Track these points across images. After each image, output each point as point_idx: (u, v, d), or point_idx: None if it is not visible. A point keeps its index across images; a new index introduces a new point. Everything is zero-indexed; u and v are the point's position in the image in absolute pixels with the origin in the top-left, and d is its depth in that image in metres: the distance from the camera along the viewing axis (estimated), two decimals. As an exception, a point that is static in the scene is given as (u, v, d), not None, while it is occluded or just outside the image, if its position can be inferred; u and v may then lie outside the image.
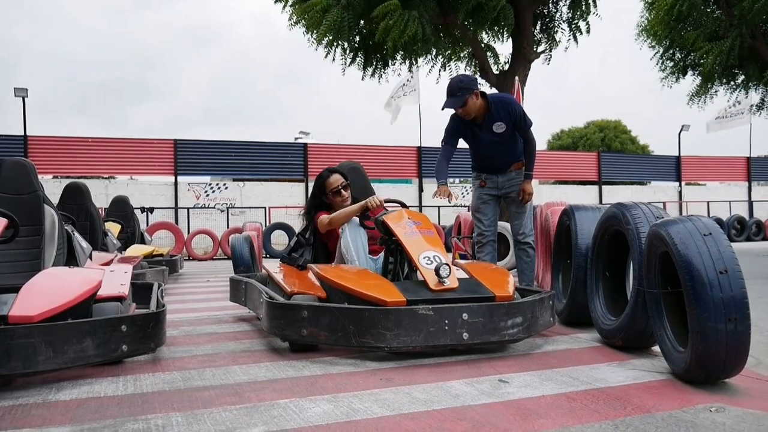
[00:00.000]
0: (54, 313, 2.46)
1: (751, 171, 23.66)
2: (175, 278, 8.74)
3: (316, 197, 4.06)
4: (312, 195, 4.13)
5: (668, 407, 2.00)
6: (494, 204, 4.59)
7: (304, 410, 2.02)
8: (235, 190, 18.11)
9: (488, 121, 4.31)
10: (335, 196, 3.96)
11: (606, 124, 40.27)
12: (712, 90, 14.60)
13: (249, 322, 4.09)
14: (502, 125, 4.30)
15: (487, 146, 4.41)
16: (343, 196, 3.96)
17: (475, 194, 4.63)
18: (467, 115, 4.27)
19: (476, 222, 4.62)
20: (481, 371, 2.56)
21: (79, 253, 3.91)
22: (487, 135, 4.35)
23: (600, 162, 22.16)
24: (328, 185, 3.98)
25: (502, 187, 4.53)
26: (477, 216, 4.61)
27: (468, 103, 4.19)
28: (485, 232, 4.56)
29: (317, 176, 4.11)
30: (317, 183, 4.06)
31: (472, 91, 4.18)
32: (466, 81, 4.24)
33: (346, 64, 11.27)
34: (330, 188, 3.97)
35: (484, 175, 4.57)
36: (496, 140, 4.36)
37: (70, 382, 2.46)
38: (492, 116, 4.29)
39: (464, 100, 4.17)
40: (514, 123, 4.31)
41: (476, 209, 4.61)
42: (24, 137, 16.12)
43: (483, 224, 4.57)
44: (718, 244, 2.17)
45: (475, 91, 4.20)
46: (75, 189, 6.37)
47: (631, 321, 2.78)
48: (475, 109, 4.25)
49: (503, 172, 4.51)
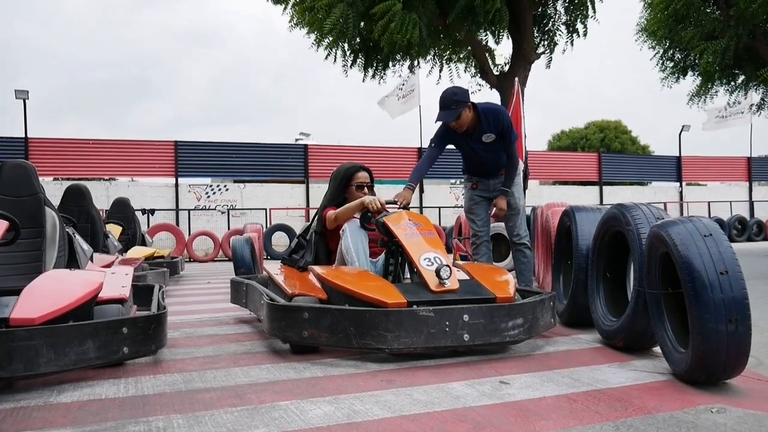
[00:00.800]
0: (55, 316, 2.46)
1: (752, 171, 23.66)
2: (176, 280, 8.74)
3: (337, 189, 4.02)
4: (332, 188, 4.07)
5: (669, 408, 2.00)
6: (486, 205, 4.64)
7: (305, 412, 2.03)
8: (235, 192, 18.12)
9: (478, 132, 4.33)
10: (358, 190, 3.96)
11: (606, 125, 40.25)
12: (713, 90, 14.60)
13: (250, 324, 4.10)
14: (491, 136, 4.32)
15: (476, 153, 4.44)
16: (365, 194, 3.95)
17: (467, 196, 4.69)
18: (460, 127, 4.28)
19: (470, 223, 4.68)
20: (481, 372, 2.56)
21: (80, 255, 3.91)
22: (476, 144, 4.38)
23: (600, 162, 22.17)
24: (356, 178, 3.99)
25: (493, 190, 4.57)
26: (470, 217, 4.66)
27: (461, 117, 4.19)
28: (479, 233, 4.59)
29: (341, 169, 4.07)
30: (343, 175, 4.02)
31: (466, 104, 4.18)
32: (460, 94, 4.22)
33: (348, 66, 11.27)
34: (356, 181, 3.98)
35: (475, 178, 4.62)
36: (485, 148, 4.40)
37: (72, 384, 2.47)
38: (482, 127, 4.31)
39: (458, 114, 4.17)
40: (502, 134, 4.33)
41: (469, 210, 4.66)
42: (25, 139, 16.14)
43: (476, 224, 4.61)
44: (719, 244, 2.17)
45: (468, 104, 4.20)
46: (76, 191, 6.37)
47: (631, 322, 2.78)
48: (467, 121, 4.26)
49: (494, 177, 4.56)
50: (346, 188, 4.00)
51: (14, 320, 2.36)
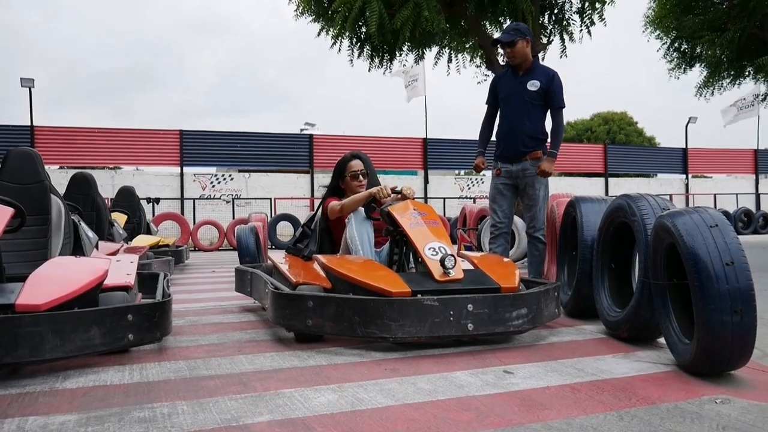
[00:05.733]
0: (61, 302, 2.48)
1: (759, 163, 23.54)
2: (180, 269, 8.77)
3: (334, 180, 4.09)
4: (331, 179, 4.14)
5: (673, 399, 2.00)
6: (510, 195, 4.60)
7: (309, 400, 2.03)
8: (240, 181, 18.15)
9: (526, 76, 4.44)
10: (353, 179, 3.97)
11: (611, 116, 40.06)
12: (720, 81, 14.51)
13: (254, 313, 4.11)
14: (537, 83, 4.40)
15: (515, 104, 4.46)
16: (361, 181, 3.97)
17: (492, 184, 4.67)
18: (513, 57, 4.41)
19: (491, 212, 4.65)
20: (485, 362, 2.56)
21: (86, 242, 3.92)
22: (520, 89, 4.44)
23: (606, 154, 22.12)
24: (349, 167, 4.00)
25: (516, 177, 4.52)
26: (492, 206, 4.63)
27: (517, 44, 4.35)
28: (499, 224, 4.56)
29: (339, 161, 4.12)
30: (338, 166, 4.08)
31: (525, 37, 4.36)
32: (522, 27, 4.46)
33: (354, 56, 11.22)
34: (350, 171, 3.98)
35: (500, 163, 4.58)
36: (525, 99, 4.43)
37: (77, 370, 2.48)
38: (532, 73, 4.44)
39: (515, 40, 4.33)
40: (547, 92, 4.40)
41: (492, 199, 4.64)
42: (30, 127, 16.18)
43: (498, 216, 4.58)
44: (725, 235, 2.16)
45: (527, 38, 4.38)
46: (81, 179, 6.39)
47: (636, 313, 2.78)
48: (521, 54, 4.39)
49: (518, 160, 4.49)
50: (341, 179, 4.04)
51: (20, 306, 2.37)
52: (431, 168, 19.99)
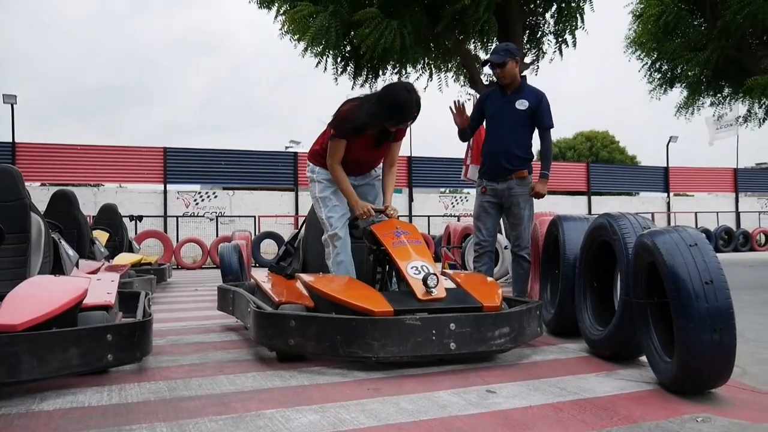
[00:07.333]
0: (38, 322, 2.43)
1: (738, 182, 23.88)
2: (163, 287, 8.68)
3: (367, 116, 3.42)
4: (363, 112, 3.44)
5: (655, 417, 2.01)
6: (495, 213, 4.61)
7: (291, 421, 2.01)
8: (224, 199, 18.06)
9: (515, 95, 4.48)
10: (397, 124, 3.52)
11: (594, 135, 40.48)
12: (699, 102, 14.73)
13: (236, 332, 4.07)
14: (525, 103, 4.44)
15: (502, 123, 4.50)
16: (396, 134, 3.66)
17: (477, 201, 4.68)
18: (503, 77, 4.44)
19: (476, 230, 4.64)
20: (468, 381, 2.55)
21: (66, 261, 3.88)
22: (508, 108, 4.47)
23: (589, 172, 22.30)
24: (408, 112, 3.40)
25: (501, 195, 4.52)
26: (477, 224, 4.62)
27: (507, 65, 4.39)
28: (483, 242, 4.56)
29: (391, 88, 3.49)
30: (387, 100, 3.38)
31: (515, 57, 4.43)
32: (512, 47, 4.53)
33: (337, 73, 11.28)
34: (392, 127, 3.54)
35: (485, 181, 4.59)
36: (513, 119, 4.46)
37: (54, 391, 2.44)
38: (521, 92, 4.48)
39: (505, 60, 4.37)
40: (535, 112, 4.44)
41: (477, 217, 4.63)
42: (12, 144, 16.02)
43: (482, 234, 4.58)
44: (704, 254, 2.18)
45: (516, 58, 4.45)
46: (62, 196, 6.32)
47: (618, 331, 2.79)
48: (511, 74, 4.44)
49: (504, 178, 4.48)
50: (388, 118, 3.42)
51: (-4, 326, 2.33)
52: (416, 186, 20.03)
